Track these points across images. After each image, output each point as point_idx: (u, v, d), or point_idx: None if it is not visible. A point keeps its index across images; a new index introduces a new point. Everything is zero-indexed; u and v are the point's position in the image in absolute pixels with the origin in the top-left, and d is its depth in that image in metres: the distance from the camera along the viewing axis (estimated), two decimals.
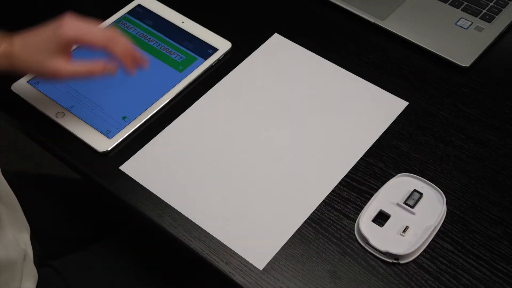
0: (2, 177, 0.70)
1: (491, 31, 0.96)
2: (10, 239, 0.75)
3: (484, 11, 0.98)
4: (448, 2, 0.99)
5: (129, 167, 0.82)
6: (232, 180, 0.81)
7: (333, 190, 0.80)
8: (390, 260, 0.73)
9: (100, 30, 0.78)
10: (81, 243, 0.98)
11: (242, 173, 0.82)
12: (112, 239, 0.99)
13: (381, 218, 0.77)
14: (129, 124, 0.86)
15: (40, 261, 0.86)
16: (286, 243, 0.75)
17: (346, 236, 0.76)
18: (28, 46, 0.76)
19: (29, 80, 0.91)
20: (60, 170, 0.99)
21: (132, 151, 0.84)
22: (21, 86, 0.90)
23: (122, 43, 0.78)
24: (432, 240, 0.75)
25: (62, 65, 0.76)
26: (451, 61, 0.92)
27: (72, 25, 0.76)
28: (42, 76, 0.83)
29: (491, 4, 0.98)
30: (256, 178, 0.81)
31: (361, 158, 0.83)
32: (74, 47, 0.82)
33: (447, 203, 0.78)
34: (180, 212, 0.78)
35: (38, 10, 1.02)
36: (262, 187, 0.80)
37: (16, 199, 0.75)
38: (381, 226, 0.76)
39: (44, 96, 0.89)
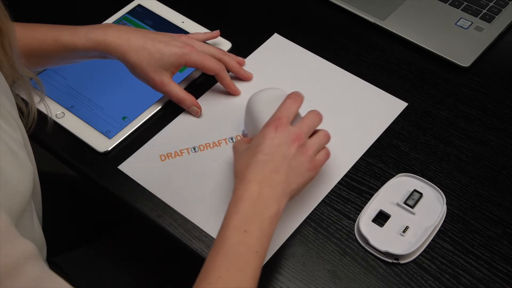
0: (36, 173, 0.71)
1: (491, 31, 0.96)
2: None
3: (484, 11, 0.98)
4: (448, 2, 0.99)
5: (127, 167, 0.82)
6: (231, 180, 0.81)
7: (333, 190, 0.80)
8: (390, 260, 0.73)
9: (214, 60, 0.86)
10: (82, 240, 0.99)
11: None
12: (113, 237, 0.99)
13: (381, 218, 0.77)
14: (129, 124, 0.86)
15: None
16: (286, 243, 0.75)
17: (346, 236, 0.76)
18: (146, 51, 0.82)
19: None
20: (60, 169, 0.99)
21: (132, 151, 0.84)
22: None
23: (232, 66, 0.89)
24: (432, 240, 0.75)
25: (168, 79, 0.84)
26: (451, 61, 0.92)
27: (196, 51, 0.85)
28: (142, 80, 0.85)
29: (491, 4, 0.98)
30: None
31: (361, 158, 0.83)
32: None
33: (447, 203, 0.78)
34: (179, 213, 0.78)
35: (39, 9, 1.02)
36: None
37: (40, 198, 0.76)
38: (381, 226, 0.76)
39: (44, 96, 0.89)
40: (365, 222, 0.76)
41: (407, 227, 0.75)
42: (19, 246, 0.53)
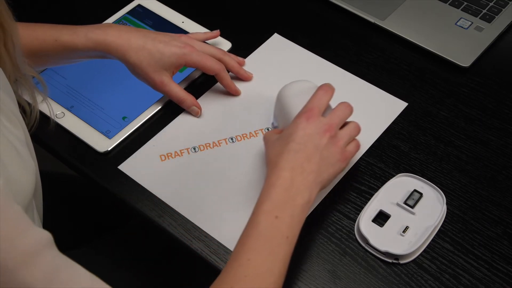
0: (38, 172, 0.71)
1: (491, 31, 0.96)
2: None
3: (484, 11, 0.98)
4: (448, 2, 0.99)
5: (127, 167, 0.82)
6: (231, 180, 0.81)
7: (333, 190, 0.80)
8: (390, 260, 0.73)
9: (214, 60, 0.86)
10: (82, 240, 0.99)
11: (241, 173, 0.82)
12: (113, 237, 0.99)
13: (381, 218, 0.77)
14: (129, 124, 0.86)
15: None
16: None
17: (346, 236, 0.76)
18: (146, 51, 0.82)
19: None
20: (60, 169, 0.99)
21: (132, 151, 0.84)
22: None
23: (232, 66, 0.89)
24: (432, 240, 0.75)
25: (168, 79, 0.84)
26: (451, 61, 0.92)
27: (196, 51, 0.85)
28: (142, 80, 0.85)
29: (491, 4, 0.98)
30: (255, 178, 0.81)
31: (361, 158, 0.83)
32: None
33: (447, 203, 0.78)
34: (179, 213, 0.78)
35: (39, 9, 1.02)
36: (262, 187, 0.80)
37: (41, 197, 0.76)
38: (381, 226, 0.76)
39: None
40: (365, 222, 0.76)
41: (407, 227, 0.75)
42: (35, 234, 0.53)
